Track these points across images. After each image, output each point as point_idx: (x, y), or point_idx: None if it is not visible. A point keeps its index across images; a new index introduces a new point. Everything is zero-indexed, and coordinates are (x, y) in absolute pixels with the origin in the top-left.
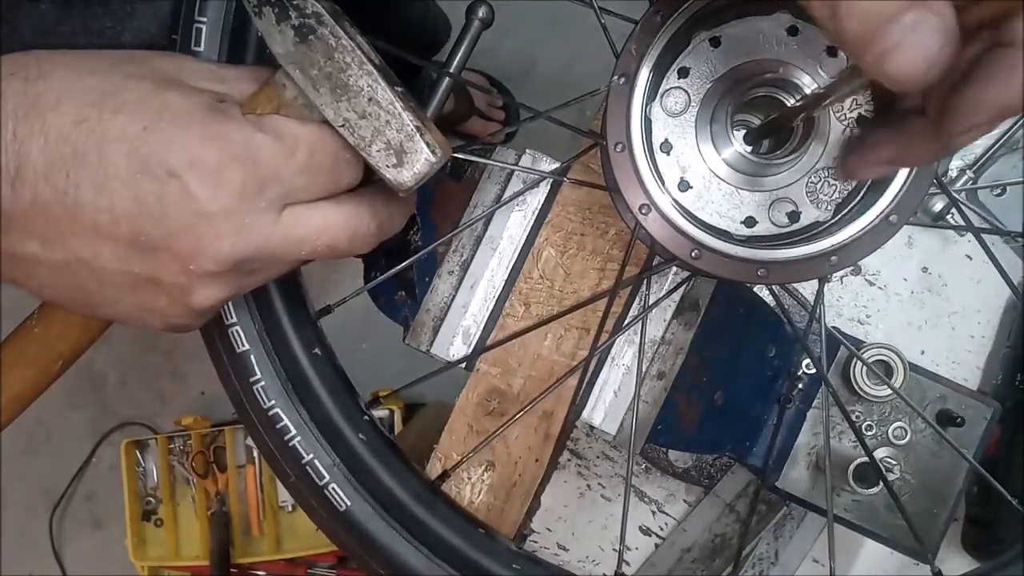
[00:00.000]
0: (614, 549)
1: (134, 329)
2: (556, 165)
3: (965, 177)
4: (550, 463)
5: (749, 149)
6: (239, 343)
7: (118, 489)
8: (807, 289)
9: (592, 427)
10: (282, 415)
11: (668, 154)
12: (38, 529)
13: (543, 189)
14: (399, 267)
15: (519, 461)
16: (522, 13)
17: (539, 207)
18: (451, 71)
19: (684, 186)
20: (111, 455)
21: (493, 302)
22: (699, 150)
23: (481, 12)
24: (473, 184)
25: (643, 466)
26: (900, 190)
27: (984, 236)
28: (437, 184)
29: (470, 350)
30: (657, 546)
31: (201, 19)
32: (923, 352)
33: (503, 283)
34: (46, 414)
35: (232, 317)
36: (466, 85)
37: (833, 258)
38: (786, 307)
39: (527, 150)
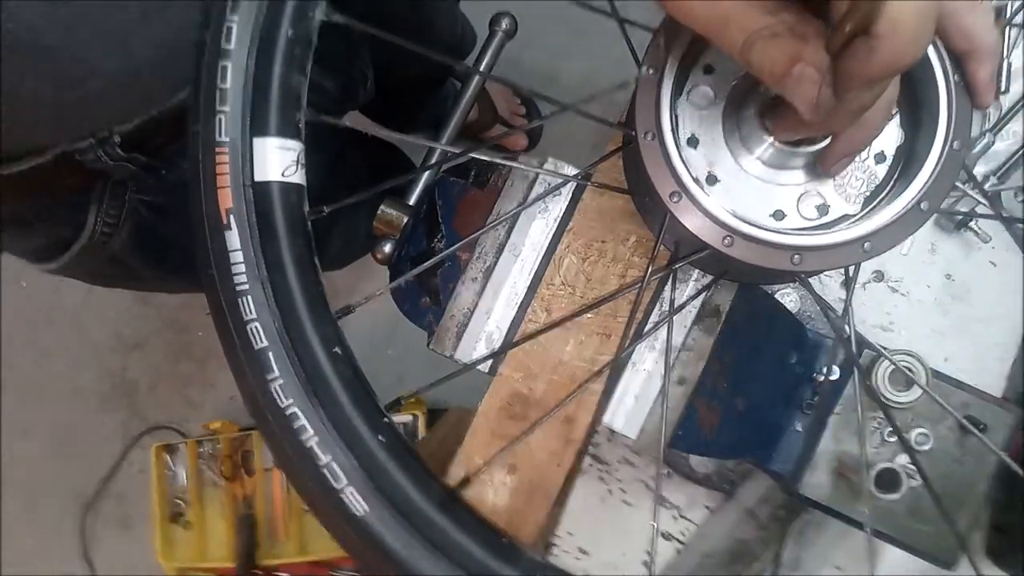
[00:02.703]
0: (636, 554)
1: (169, 336)
2: (578, 171)
3: (989, 182)
4: (572, 468)
5: (776, 142)
6: (257, 339)
7: (147, 492)
8: (829, 296)
9: (613, 431)
10: (299, 415)
11: (695, 148)
12: (69, 530)
13: (565, 197)
14: (420, 268)
15: (541, 465)
16: (544, 24)
17: (561, 215)
18: (480, 70)
19: (712, 180)
20: (141, 459)
21: (515, 308)
22: (726, 144)
23: (504, 24)
24: (496, 192)
25: (664, 471)
26: (929, 178)
27: (1007, 239)
28: (461, 193)
29: (491, 353)
30: (678, 551)
31: None
32: (946, 359)
33: (525, 289)
34: (79, 418)
35: (251, 313)
36: (489, 93)
37: (867, 244)
38: (818, 303)
39: (549, 158)
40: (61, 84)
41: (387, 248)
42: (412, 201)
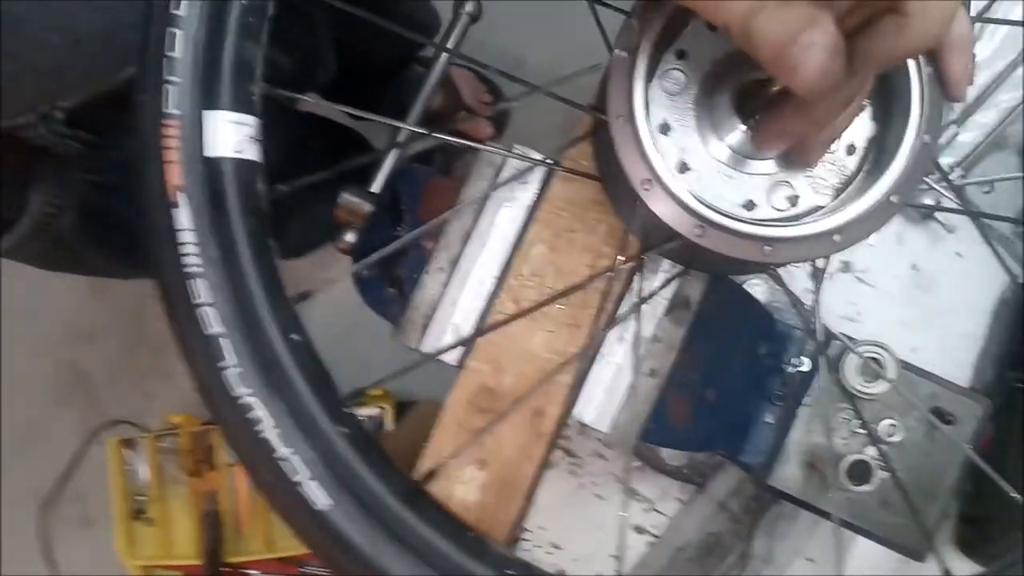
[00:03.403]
0: (609, 548)
1: (122, 327)
2: (545, 156)
3: (955, 174)
4: (542, 462)
5: (748, 131)
6: (207, 324)
7: (107, 488)
8: (797, 287)
9: (583, 425)
10: (255, 405)
11: (666, 135)
12: (28, 529)
13: (533, 185)
14: (384, 251)
15: (511, 460)
16: (510, 9)
17: (529, 203)
18: (447, 46)
19: (683, 168)
20: (100, 454)
21: (483, 299)
22: (698, 132)
23: (469, 7)
24: (461, 180)
25: (636, 464)
26: (901, 172)
27: (973, 230)
28: (425, 181)
29: (456, 344)
30: (650, 544)
31: None
32: (913, 350)
33: (493, 280)
34: (33, 413)
35: (201, 296)
36: (453, 80)
37: (837, 236)
38: (787, 296)
39: (515, 145)
40: None
41: (349, 237)
42: (375, 188)
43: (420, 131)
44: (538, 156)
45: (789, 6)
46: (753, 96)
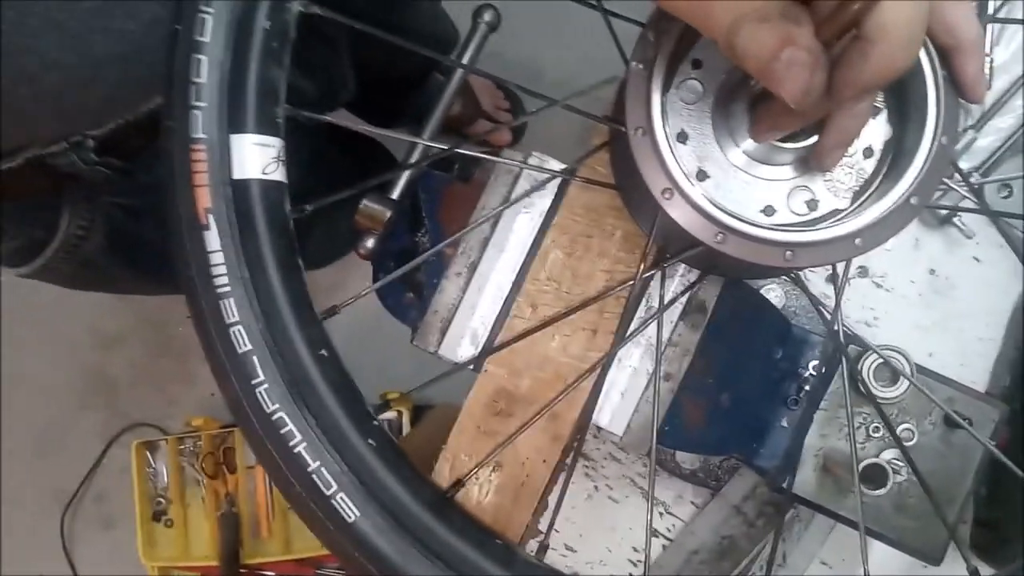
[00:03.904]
0: (623, 551)
1: (145, 333)
2: (563, 166)
3: (973, 179)
4: (558, 465)
5: (760, 140)
6: (240, 343)
7: (129, 490)
8: (815, 292)
9: (599, 428)
10: (286, 420)
11: (684, 144)
12: (49, 530)
13: (550, 191)
14: (406, 267)
15: (526, 462)
16: (528, 18)
17: (546, 209)
18: (463, 63)
19: (702, 176)
20: (122, 456)
21: (501, 304)
22: (716, 139)
23: (487, 16)
24: (480, 186)
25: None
26: (919, 173)
27: (990, 234)
28: (445, 187)
29: (478, 351)
30: (665, 547)
31: None
32: (931, 355)
33: (510, 285)
34: (57, 416)
35: (233, 316)
36: (472, 88)
37: (858, 240)
38: (809, 299)
39: (533, 152)
40: (12, 77)
41: (370, 243)
42: (395, 195)
43: (439, 147)
44: (555, 166)
45: (767, 24)
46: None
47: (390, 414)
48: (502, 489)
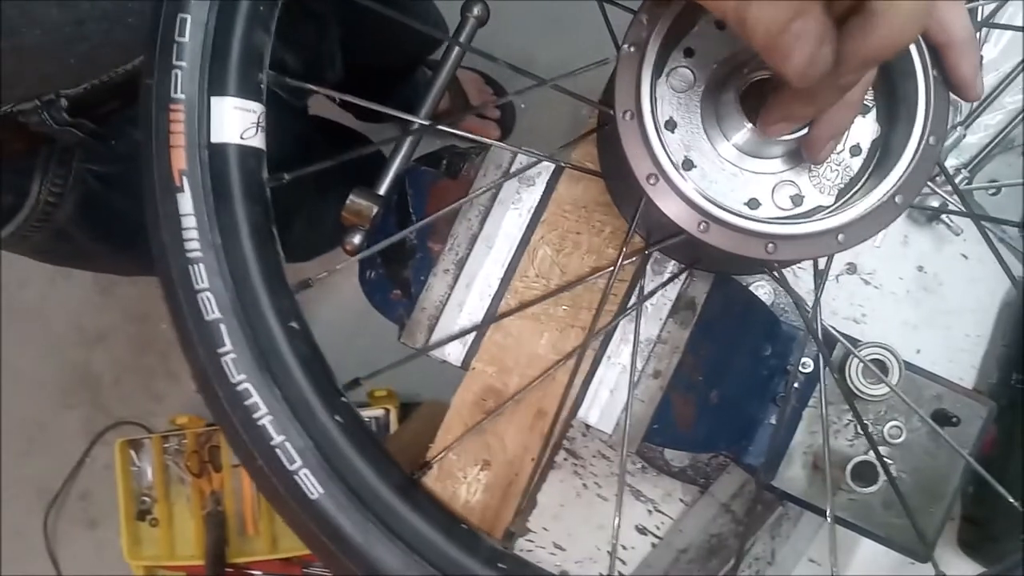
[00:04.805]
0: (610, 550)
1: (129, 330)
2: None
3: (961, 176)
4: (546, 463)
5: (753, 129)
6: (208, 310)
7: (113, 489)
8: (802, 289)
9: (588, 426)
10: (252, 391)
11: (672, 132)
12: (33, 529)
13: (539, 187)
14: (381, 244)
15: (514, 460)
16: (518, 11)
17: (534, 205)
18: (460, 41)
19: (688, 165)
20: (106, 454)
21: (489, 301)
22: (704, 130)
23: (476, 10)
24: (468, 183)
25: (639, 465)
26: (904, 172)
27: (978, 232)
28: (432, 183)
29: (466, 349)
30: (654, 545)
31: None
32: (919, 351)
33: (499, 282)
34: (41, 413)
35: (203, 282)
36: (460, 82)
37: (840, 236)
38: (790, 295)
39: (522, 146)
40: None
41: (356, 239)
42: (382, 191)
43: (428, 124)
44: (544, 153)
45: None
46: (759, 95)
47: (378, 411)
48: (491, 488)
